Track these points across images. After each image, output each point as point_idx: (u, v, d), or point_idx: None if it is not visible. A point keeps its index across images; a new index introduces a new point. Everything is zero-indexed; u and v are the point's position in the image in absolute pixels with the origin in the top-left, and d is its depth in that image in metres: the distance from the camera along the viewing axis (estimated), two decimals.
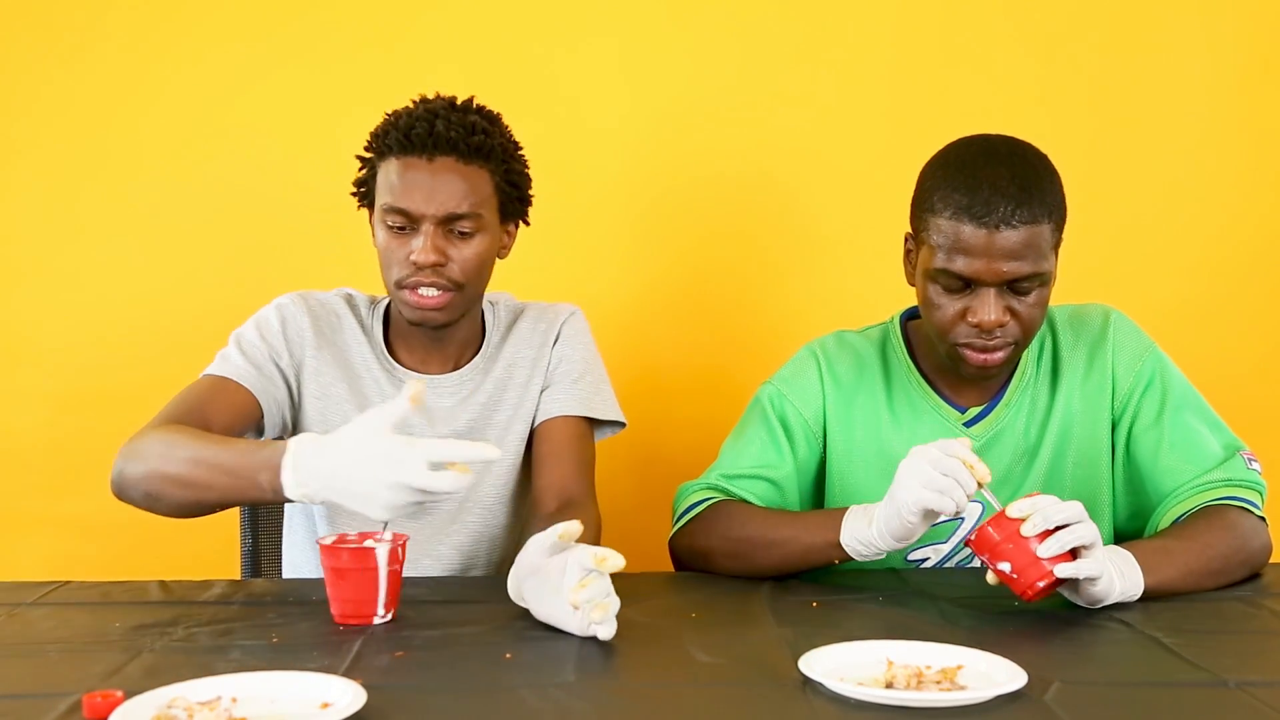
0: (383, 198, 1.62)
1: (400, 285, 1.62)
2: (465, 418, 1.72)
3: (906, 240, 1.62)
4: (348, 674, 1.17)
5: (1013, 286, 1.52)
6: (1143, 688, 1.15)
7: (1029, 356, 1.67)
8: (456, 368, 1.74)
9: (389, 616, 1.37)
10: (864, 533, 1.47)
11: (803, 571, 1.57)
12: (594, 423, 1.76)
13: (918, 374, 1.68)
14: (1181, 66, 2.34)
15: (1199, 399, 1.65)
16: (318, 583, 1.53)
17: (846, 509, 1.52)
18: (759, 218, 2.37)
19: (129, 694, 1.08)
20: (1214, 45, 2.34)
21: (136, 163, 2.33)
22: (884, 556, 1.50)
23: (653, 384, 1.87)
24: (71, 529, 2.34)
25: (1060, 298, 1.69)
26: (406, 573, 1.42)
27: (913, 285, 1.62)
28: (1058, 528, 1.33)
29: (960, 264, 1.51)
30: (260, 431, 1.68)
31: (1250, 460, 1.59)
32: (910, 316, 1.73)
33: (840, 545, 1.50)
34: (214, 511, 1.49)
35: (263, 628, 1.35)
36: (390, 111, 1.67)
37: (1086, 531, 1.33)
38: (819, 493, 1.71)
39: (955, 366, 1.60)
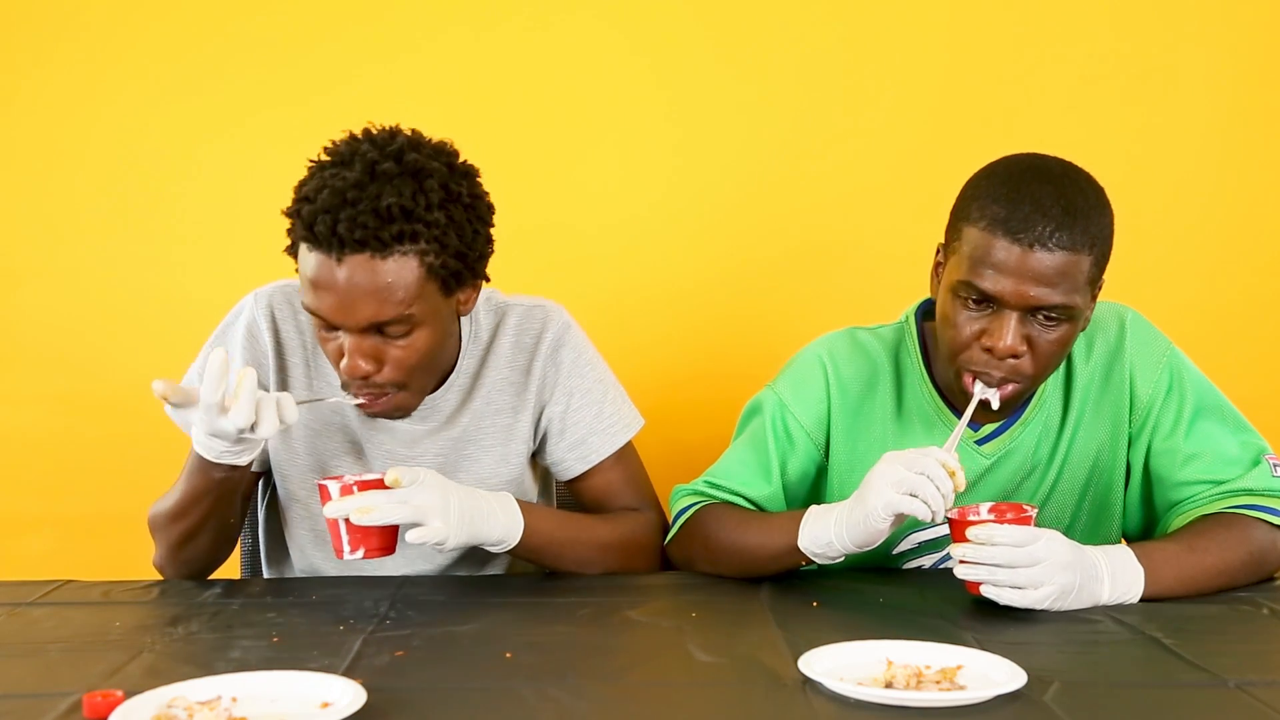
0: (301, 291, 1.44)
1: (344, 387, 1.49)
2: (434, 449, 1.62)
3: (937, 252, 1.55)
4: (348, 674, 1.17)
5: (1037, 316, 1.43)
6: (1143, 688, 1.15)
7: None
8: (436, 389, 1.60)
9: (359, 555, 1.39)
10: (823, 535, 1.43)
11: (784, 572, 1.54)
12: None
13: (930, 385, 1.61)
14: (1192, 65, 2.34)
15: (1219, 400, 1.59)
16: (318, 582, 1.54)
17: (807, 510, 1.48)
18: (762, 217, 2.37)
19: (129, 693, 1.08)
20: (1226, 43, 2.33)
21: (134, 164, 2.33)
22: (842, 560, 1.46)
23: (653, 384, 1.87)
24: (71, 529, 2.34)
25: None
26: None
27: (934, 297, 1.55)
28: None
29: (987, 280, 1.41)
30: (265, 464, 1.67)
31: (1275, 466, 1.53)
32: (926, 315, 1.64)
33: (799, 549, 1.46)
34: (230, 526, 1.57)
35: (263, 628, 1.35)
36: (312, 161, 1.45)
37: (1018, 579, 1.33)
38: (817, 499, 1.66)
39: (957, 393, 1.53)
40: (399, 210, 1.37)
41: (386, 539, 1.39)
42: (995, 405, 1.47)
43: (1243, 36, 2.34)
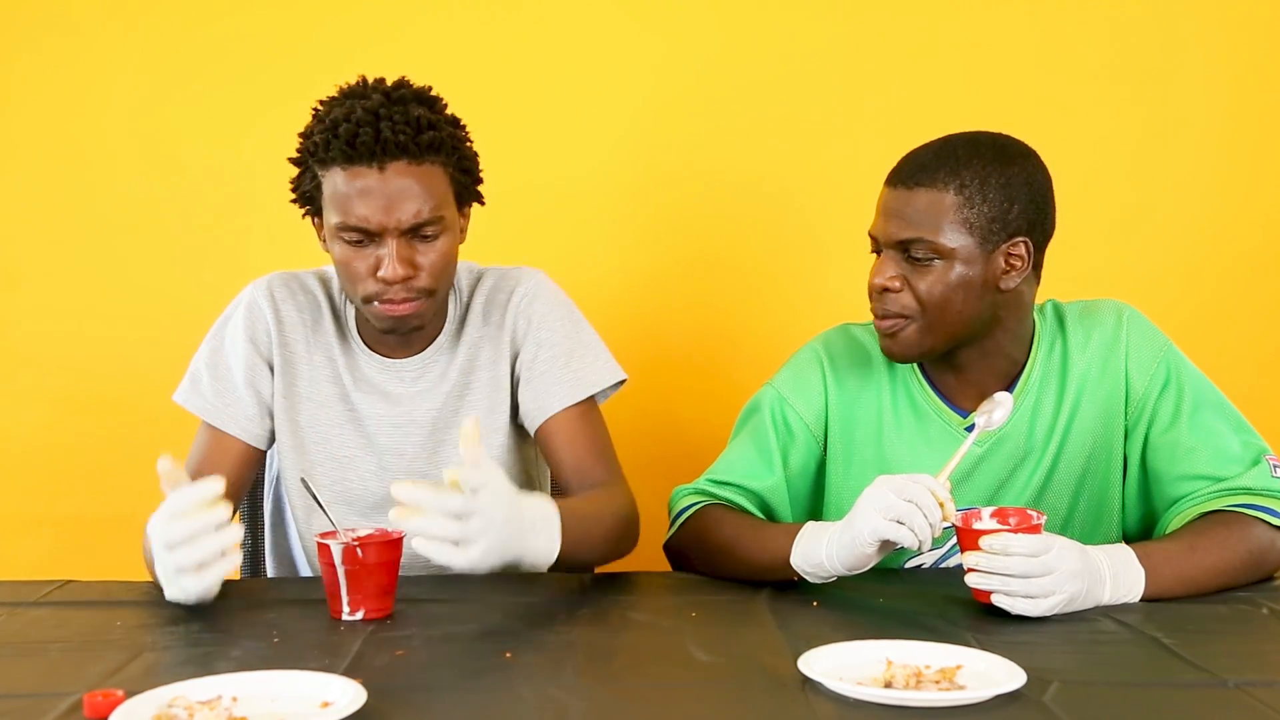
0: (334, 215, 1.53)
1: (368, 300, 1.57)
2: (426, 405, 1.68)
3: None
4: (348, 673, 1.17)
5: (907, 254, 1.52)
6: (1142, 688, 1.15)
7: (1036, 357, 1.61)
8: (425, 349, 1.69)
9: (359, 616, 1.37)
10: (815, 555, 1.43)
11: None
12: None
13: (920, 375, 1.64)
14: (1187, 64, 2.34)
15: (1219, 398, 1.59)
16: (318, 582, 1.53)
17: (804, 526, 1.48)
18: (760, 213, 2.37)
19: (129, 693, 1.08)
20: (1220, 43, 2.34)
21: (134, 163, 2.33)
22: (834, 579, 1.45)
23: (652, 382, 1.87)
24: (71, 529, 2.35)
25: (1068, 296, 1.69)
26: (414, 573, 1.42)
27: None
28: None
29: (872, 225, 1.57)
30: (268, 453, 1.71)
31: (1276, 467, 1.53)
32: None
33: (791, 566, 1.46)
34: None
35: (263, 628, 1.35)
36: (319, 106, 1.57)
37: (1031, 589, 1.33)
38: (818, 493, 1.69)
39: (949, 384, 1.61)
40: (426, 122, 1.53)
41: (386, 601, 1.38)
42: (993, 427, 1.48)
43: (1243, 37, 2.34)
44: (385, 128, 1.49)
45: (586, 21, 2.33)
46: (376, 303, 1.56)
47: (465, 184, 1.61)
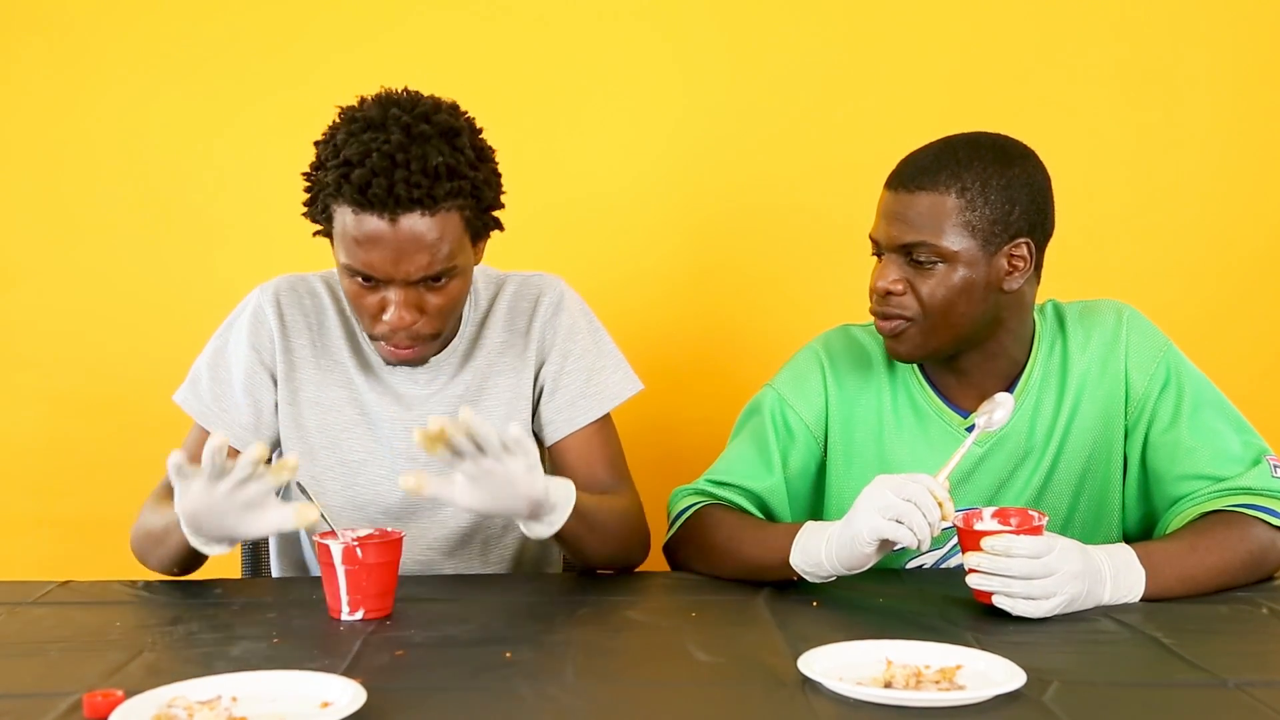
0: (341, 252, 1.49)
1: (374, 337, 1.56)
2: (439, 409, 1.65)
3: None
4: (348, 673, 1.17)
5: (909, 258, 1.52)
6: (1142, 688, 1.15)
7: (1036, 357, 1.61)
8: (439, 353, 1.66)
9: (358, 616, 1.37)
10: (814, 554, 1.42)
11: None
12: None
13: (920, 375, 1.65)
14: (1188, 64, 2.34)
15: (1220, 398, 1.59)
16: (318, 582, 1.54)
17: (803, 525, 1.47)
18: (762, 214, 2.37)
19: (129, 693, 1.08)
20: (1221, 43, 2.34)
21: (134, 163, 2.33)
22: (834, 579, 1.45)
23: (653, 384, 1.86)
24: (71, 529, 2.35)
25: (1068, 296, 1.69)
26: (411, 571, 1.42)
27: None
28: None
29: (875, 229, 1.55)
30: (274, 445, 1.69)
31: (1276, 467, 1.53)
32: None
33: (791, 565, 1.46)
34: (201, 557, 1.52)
35: (263, 628, 1.36)
36: (338, 123, 1.49)
37: (1033, 590, 1.33)
38: (819, 495, 1.69)
39: (947, 384, 1.61)
40: (445, 169, 1.44)
41: (386, 601, 1.38)
42: (993, 428, 1.48)
43: (1244, 37, 2.34)
44: (399, 178, 1.42)
45: (601, 36, 2.33)
46: (382, 341, 1.55)
47: (484, 221, 1.53)
